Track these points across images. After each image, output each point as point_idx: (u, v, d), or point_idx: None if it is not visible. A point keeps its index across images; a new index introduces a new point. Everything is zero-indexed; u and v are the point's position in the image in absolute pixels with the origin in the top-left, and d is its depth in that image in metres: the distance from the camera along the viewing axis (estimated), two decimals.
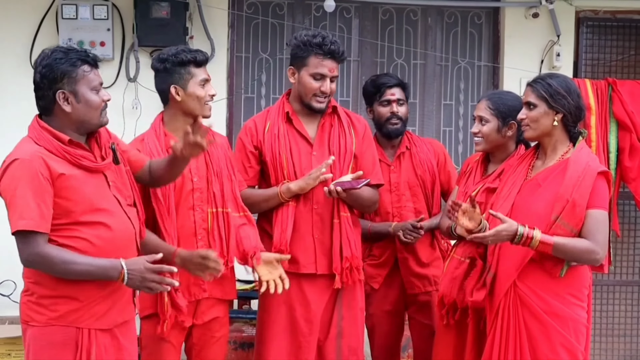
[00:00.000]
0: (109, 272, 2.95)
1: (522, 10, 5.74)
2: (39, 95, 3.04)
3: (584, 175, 3.35)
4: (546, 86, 3.46)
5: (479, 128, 3.86)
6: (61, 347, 2.97)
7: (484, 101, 3.90)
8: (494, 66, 5.87)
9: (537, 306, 3.41)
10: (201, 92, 3.58)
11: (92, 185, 3.01)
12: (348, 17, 5.88)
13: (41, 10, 5.47)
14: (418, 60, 5.92)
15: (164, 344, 3.53)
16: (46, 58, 3.01)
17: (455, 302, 3.78)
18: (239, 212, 3.70)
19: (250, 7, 5.80)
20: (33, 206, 2.86)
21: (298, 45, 3.82)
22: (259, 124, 3.92)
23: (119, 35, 5.52)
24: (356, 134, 3.95)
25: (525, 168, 3.58)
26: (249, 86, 5.84)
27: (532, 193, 3.48)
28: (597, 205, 3.36)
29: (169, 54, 3.60)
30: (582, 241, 3.35)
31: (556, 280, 3.41)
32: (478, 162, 3.99)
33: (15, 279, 5.31)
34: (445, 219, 3.97)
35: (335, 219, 3.85)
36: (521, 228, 3.34)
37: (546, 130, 3.47)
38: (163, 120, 3.66)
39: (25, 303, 3.04)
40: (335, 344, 3.89)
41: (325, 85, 3.81)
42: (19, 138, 3.08)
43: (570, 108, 3.44)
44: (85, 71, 3.01)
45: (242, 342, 4.95)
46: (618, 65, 5.96)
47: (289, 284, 3.66)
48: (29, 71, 5.35)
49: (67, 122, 3.02)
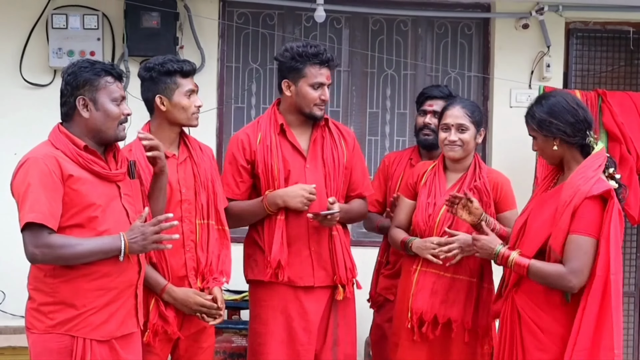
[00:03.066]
0: (112, 244, 2.99)
1: (512, 22, 5.76)
2: (62, 102, 3.12)
3: (571, 200, 3.26)
4: (531, 118, 3.43)
5: (458, 136, 3.81)
6: (57, 355, 3.01)
7: (459, 109, 3.84)
8: (484, 77, 5.88)
9: (530, 318, 3.36)
10: (186, 102, 3.57)
11: (100, 192, 3.05)
12: (338, 28, 5.88)
13: (31, 20, 5.45)
14: (408, 70, 5.93)
15: (151, 356, 3.51)
16: (72, 67, 3.11)
17: (436, 317, 3.75)
18: (218, 226, 3.69)
19: (240, 17, 5.81)
20: (44, 202, 2.92)
21: (292, 57, 3.81)
22: (252, 136, 3.88)
23: (109, 45, 5.51)
24: (347, 146, 3.96)
25: (549, 181, 3.54)
26: (239, 96, 5.83)
27: (537, 210, 3.44)
28: (577, 230, 3.23)
29: (156, 63, 3.60)
30: (556, 266, 3.27)
31: (550, 293, 3.33)
32: (435, 170, 3.92)
33: (4, 289, 5.28)
34: (397, 231, 3.95)
35: (333, 232, 3.85)
36: (499, 247, 3.36)
37: (555, 154, 3.42)
38: (150, 130, 3.64)
39: (28, 310, 3.09)
40: (332, 353, 3.88)
41: (325, 94, 3.83)
42: (9, 147, 3.08)
43: (562, 129, 3.35)
44: (108, 82, 3.09)
45: (232, 353, 4.92)
46: (608, 76, 5.97)
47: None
48: (19, 81, 5.45)
49: (85, 129, 3.08)
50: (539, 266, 3.29)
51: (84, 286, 3.01)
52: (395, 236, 3.96)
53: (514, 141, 5.60)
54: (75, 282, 3.01)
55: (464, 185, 3.82)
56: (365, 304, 4.53)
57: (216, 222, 3.67)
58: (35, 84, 5.46)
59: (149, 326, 3.46)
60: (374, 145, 5.90)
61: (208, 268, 3.59)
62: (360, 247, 5.18)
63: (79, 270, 3.00)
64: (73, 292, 3.00)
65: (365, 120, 5.92)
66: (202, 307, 3.53)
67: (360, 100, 5.91)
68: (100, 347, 3.05)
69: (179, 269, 3.54)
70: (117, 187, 3.13)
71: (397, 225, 4.00)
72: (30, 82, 5.46)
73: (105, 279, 3.04)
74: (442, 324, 3.75)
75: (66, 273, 3.00)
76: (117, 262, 3.04)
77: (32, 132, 3.29)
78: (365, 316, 4.71)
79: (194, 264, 3.58)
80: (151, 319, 3.46)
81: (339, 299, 3.85)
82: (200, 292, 3.55)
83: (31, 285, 3.08)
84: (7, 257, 3.78)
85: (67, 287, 3.00)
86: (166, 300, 3.50)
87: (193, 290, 3.54)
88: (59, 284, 3.00)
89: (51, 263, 2.99)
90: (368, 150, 5.87)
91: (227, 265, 3.68)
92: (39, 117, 5.01)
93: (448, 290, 3.76)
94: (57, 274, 3.00)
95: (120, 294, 3.09)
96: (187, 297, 3.51)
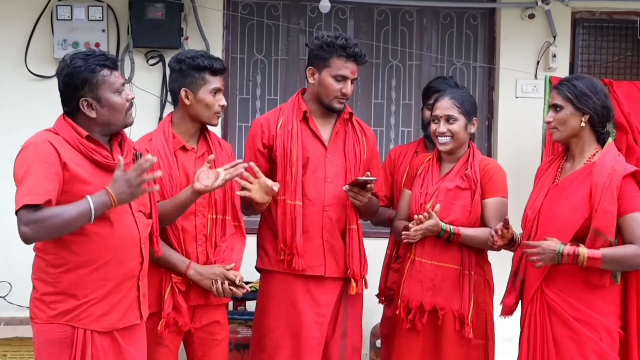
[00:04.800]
0: (99, 199, 2.91)
1: (518, 11, 5.74)
2: (64, 102, 3.11)
3: (610, 181, 3.31)
4: (571, 87, 3.46)
5: (447, 127, 3.82)
6: (58, 345, 3.02)
7: (447, 100, 3.85)
8: (490, 67, 5.86)
9: (566, 312, 3.38)
10: (211, 99, 3.57)
11: (102, 181, 3.02)
12: (343, 18, 5.87)
13: (36, 12, 5.46)
14: (413, 61, 5.91)
15: (161, 347, 3.51)
16: (66, 67, 3.08)
17: (422, 304, 3.76)
18: (234, 222, 3.70)
19: (245, 8, 5.80)
20: (40, 183, 2.88)
21: (320, 45, 3.78)
22: (272, 121, 3.86)
23: (114, 36, 5.51)
24: (367, 143, 3.96)
25: (554, 171, 3.57)
26: (244, 87, 5.83)
27: (557, 198, 3.46)
28: (631, 208, 3.31)
29: (187, 56, 3.60)
30: (627, 247, 3.31)
31: (585, 287, 3.37)
32: (431, 162, 3.95)
33: (10, 280, 5.30)
34: (399, 222, 3.97)
35: (352, 225, 3.85)
36: (561, 246, 3.32)
37: (574, 132, 3.47)
38: (172, 121, 3.65)
39: (32, 301, 3.09)
40: (340, 344, 3.88)
41: (347, 87, 3.80)
42: (15, 140, 3.08)
43: (597, 108, 3.43)
44: (105, 75, 3.06)
45: (237, 344, 4.93)
46: (614, 66, 5.96)
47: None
48: (24, 73, 5.45)
49: (93, 125, 3.09)
50: (611, 252, 3.30)
51: (85, 276, 3.01)
52: (397, 227, 3.98)
53: (520, 131, 5.62)
54: (75, 272, 3.01)
55: (453, 174, 3.83)
56: (371, 295, 4.53)
57: (232, 218, 3.68)
58: (40, 76, 5.46)
59: (162, 315, 3.47)
60: (379, 136, 5.88)
61: (218, 260, 3.58)
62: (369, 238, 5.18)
63: (79, 260, 3.00)
64: (74, 283, 3.01)
65: (370, 111, 5.92)
66: (226, 277, 3.51)
67: (365, 91, 5.90)
68: (101, 338, 3.05)
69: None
70: None
71: (400, 218, 4.02)
72: (35, 73, 5.47)
73: (105, 269, 3.04)
74: (428, 312, 3.75)
75: (66, 262, 3.00)
76: (118, 251, 3.04)
77: (37, 123, 3.28)
78: (371, 307, 4.71)
79: (204, 257, 3.58)
80: (165, 308, 3.47)
81: (352, 293, 3.85)
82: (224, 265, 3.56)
83: (35, 275, 3.08)
84: (13, 248, 3.79)
85: (68, 277, 3.01)
86: (191, 277, 3.49)
87: (217, 265, 3.54)
88: (60, 274, 3.01)
89: (45, 238, 2.96)
90: None
91: (238, 258, 3.67)
92: (43, 109, 5.01)
93: (434, 278, 3.76)
94: (58, 264, 3.01)
95: (121, 285, 3.09)
96: (213, 269, 3.51)
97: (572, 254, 3.30)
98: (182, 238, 3.53)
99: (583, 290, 3.38)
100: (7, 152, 3.02)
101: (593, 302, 3.37)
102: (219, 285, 3.50)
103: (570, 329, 3.37)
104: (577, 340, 3.36)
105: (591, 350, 3.35)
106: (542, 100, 5.34)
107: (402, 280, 3.89)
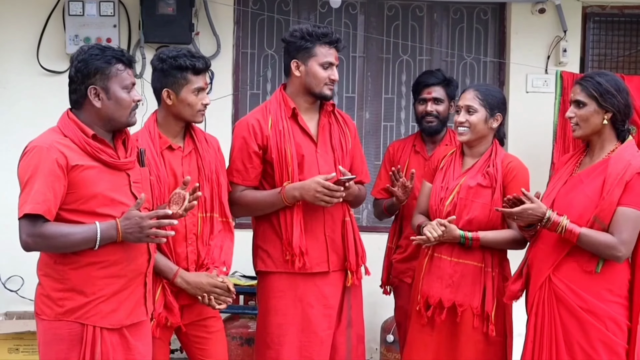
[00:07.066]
0: (107, 232, 2.95)
1: (528, 6, 5.73)
2: (72, 89, 3.10)
3: (624, 174, 3.34)
4: (596, 85, 3.45)
5: (466, 117, 3.82)
6: (67, 342, 3.01)
7: (471, 91, 3.86)
8: (500, 62, 5.86)
9: (573, 302, 3.40)
10: (193, 99, 3.53)
11: (109, 180, 3.04)
12: (354, 13, 5.88)
13: (48, 7, 5.49)
14: (424, 56, 5.92)
15: (155, 340, 3.45)
16: (82, 53, 3.07)
17: (441, 300, 3.76)
18: (222, 218, 3.67)
19: (255, 3, 5.81)
20: (42, 192, 2.90)
21: (302, 37, 3.79)
22: (262, 121, 3.84)
23: (125, 31, 5.54)
24: (350, 133, 3.97)
25: (573, 164, 3.59)
26: (255, 82, 5.84)
27: (573, 189, 3.48)
28: (628, 202, 3.33)
29: (169, 55, 3.53)
30: (606, 235, 3.35)
31: (592, 277, 3.40)
32: (454, 156, 3.95)
33: (22, 274, 5.33)
34: (417, 216, 3.99)
35: (346, 217, 3.87)
36: (549, 212, 3.38)
37: (595, 129, 3.47)
38: (157, 120, 3.61)
39: (38, 296, 3.09)
40: (346, 334, 3.89)
41: (334, 73, 3.82)
42: (26, 134, 3.10)
43: (620, 107, 3.43)
44: (119, 69, 3.06)
45: (248, 338, 4.93)
46: (625, 60, 5.94)
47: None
48: (36, 68, 5.48)
49: (96, 117, 3.07)
50: (590, 234, 3.34)
51: (94, 274, 3.01)
52: (415, 221, 3.99)
53: (530, 126, 5.61)
54: (84, 270, 3.01)
55: (475, 170, 3.83)
56: (380, 290, 4.55)
57: (220, 214, 3.65)
58: (52, 71, 5.49)
59: (154, 316, 3.44)
60: (389, 131, 5.90)
61: (209, 260, 3.58)
62: (374, 233, 5.21)
63: (88, 258, 3.00)
64: (83, 280, 3.00)
65: (381, 106, 5.93)
66: (215, 287, 3.51)
67: (375, 86, 5.91)
68: (110, 335, 3.06)
69: (181, 262, 3.53)
70: (127, 175, 3.12)
71: (420, 211, 4.02)
72: (47, 69, 5.50)
73: (114, 267, 3.04)
74: (447, 308, 3.75)
75: (76, 260, 3.00)
76: (127, 250, 3.05)
77: (49, 118, 3.30)
78: (380, 302, 4.73)
79: (195, 257, 3.57)
80: (157, 308, 3.45)
81: (348, 285, 3.87)
82: (211, 274, 3.54)
83: (41, 271, 3.07)
84: None
85: (76, 274, 3.00)
86: (178, 285, 3.48)
87: (205, 273, 3.53)
88: (69, 271, 3.00)
89: (44, 251, 3.01)
90: (384, 136, 5.88)
91: (228, 256, 3.66)
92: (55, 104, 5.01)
93: (453, 275, 3.76)
94: (67, 261, 3.01)
95: (129, 282, 3.10)
96: (200, 279, 3.50)
97: (556, 221, 3.38)
98: (171, 239, 3.44)
99: (590, 281, 3.40)
100: (20, 147, 3.04)
101: (599, 292, 3.39)
102: (206, 301, 3.51)
103: (576, 318, 3.40)
104: (583, 329, 3.38)
105: (598, 340, 3.37)
106: (552, 95, 5.32)
107: (420, 276, 3.88)
